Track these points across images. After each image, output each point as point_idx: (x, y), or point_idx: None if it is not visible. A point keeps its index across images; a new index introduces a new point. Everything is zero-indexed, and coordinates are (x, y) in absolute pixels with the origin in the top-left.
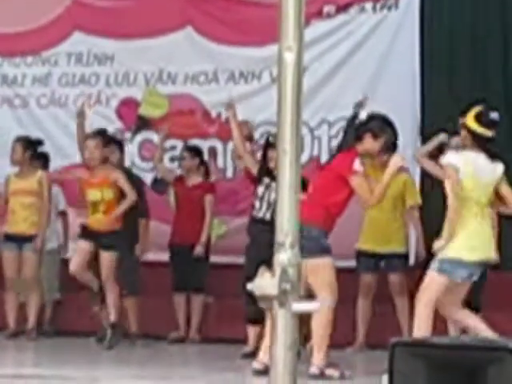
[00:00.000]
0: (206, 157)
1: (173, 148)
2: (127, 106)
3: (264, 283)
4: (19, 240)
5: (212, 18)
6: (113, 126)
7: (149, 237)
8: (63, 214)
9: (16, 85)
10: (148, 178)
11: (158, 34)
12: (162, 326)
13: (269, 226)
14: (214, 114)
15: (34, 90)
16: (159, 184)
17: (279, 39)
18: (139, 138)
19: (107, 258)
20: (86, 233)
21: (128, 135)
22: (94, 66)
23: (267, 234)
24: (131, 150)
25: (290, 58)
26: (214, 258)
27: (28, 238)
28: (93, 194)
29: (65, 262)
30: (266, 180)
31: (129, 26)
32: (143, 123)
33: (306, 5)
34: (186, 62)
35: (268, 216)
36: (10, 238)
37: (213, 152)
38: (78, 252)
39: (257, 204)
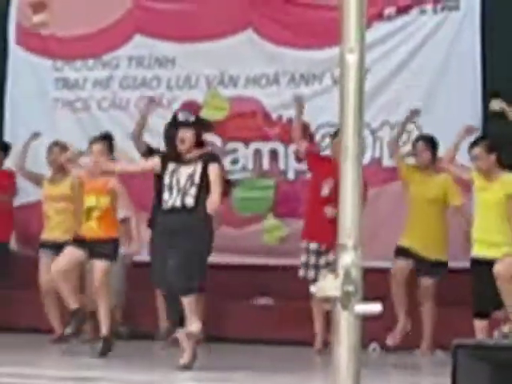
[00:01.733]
0: (267, 160)
1: (234, 151)
2: (189, 109)
3: (327, 285)
4: (54, 247)
5: (273, 21)
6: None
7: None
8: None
9: (77, 88)
10: None
11: (220, 36)
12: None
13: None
14: (275, 116)
15: (95, 94)
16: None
17: (341, 41)
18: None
19: (101, 267)
20: (78, 241)
21: None
22: (155, 69)
23: None
24: None
25: (352, 59)
26: (275, 261)
27: (63, 245)
28: (89, 200)
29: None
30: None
31: (190, 28)
32: (205, 126)
33: (367, 7)
34: (247, 65)
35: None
36: (46, 244)
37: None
38: (66, 256)
39: None
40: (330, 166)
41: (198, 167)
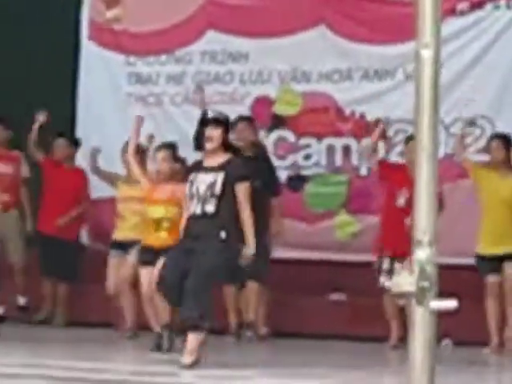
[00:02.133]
0: (340, 155)
1: (307, 146)
2: (261, 104)
3: (402, 281)
4: (125, 246)
5: (345, 16)
6: None
7: None
8: None
9: (150, 83)
10: (283, 176)
11: (292, 32)
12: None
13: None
14: (347, 112)
15: (168, 89)
16: (295, 181)
17: (416, 36)
18: (274, 136)
19: None
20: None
21: (263, 133)
22: (228, 65)
23: None
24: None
25: (427, 54)
26: (347, 256)
27: (133, 243)
28: (157, 211)
29: None
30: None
31: (263, 24)
32: (278, 121)
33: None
34: (319, 60)
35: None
36: (118, 245)
37: None
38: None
39: None
40: (405, 174)
41: (220, 178)
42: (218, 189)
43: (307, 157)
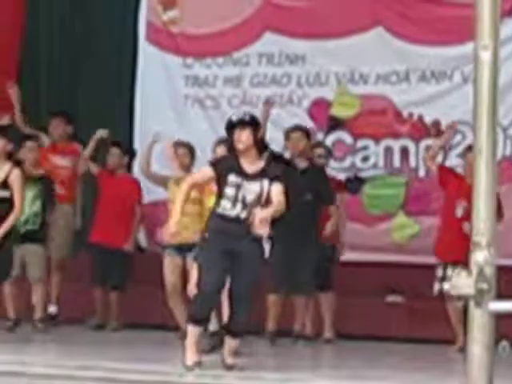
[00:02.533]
0: (397, 157)
1: (365, 148)
2: (319, 106)
3: (460, 283)
4: (180, 248)
5: (403, 18)
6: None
7: None
8: None
9: (207, 86)
10: (341, 178)
11: (349, 33)
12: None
13: None
14: (405, 113)
15: (226, 91)
16: (353, 184)
17: (475, 38)
18: (331, 138)
19: None
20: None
21: (320, 135)
22: (285, 67)
23: None
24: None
25: (485, 56)
26: (405, 258)
27: (190, 247)
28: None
29: None
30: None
31: (320, 25)
32: (335, 123)
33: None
34: (377, 62)
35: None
36: (172, 245)
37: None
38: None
39: None
40: (463, 184)
41: (265, 185)
42: (264, 198)
43: (365, 159)
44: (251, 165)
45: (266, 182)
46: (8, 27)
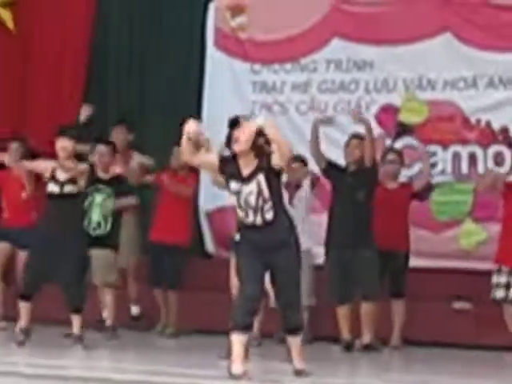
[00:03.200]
0: (465, 163)
1: (433, 154)
2: (387, 113)
3: None
4: None
5: (471, 24)
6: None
7: None
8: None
9: (275, 91)
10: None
11: (417, 39)
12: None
13: None
14: (473, 120)
15: (294, 97)
16: (421, 190)
17: None
18: (400, 144)
19: None
20: None
21: (388, 141)
22: (353, 73)
23: None
24: None
25: None
26: (472, 265)
27: None
28: None
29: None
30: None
31: (388, 32)
32: (403, 129)
33: None
34: (445, 68)
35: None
36: None
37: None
38: None
39: None
40: None
41: (262, 181)
42: (266, 194)
43: (433, 165)
44: (246, 167)
45: (261, 176)
46: (78, 34)
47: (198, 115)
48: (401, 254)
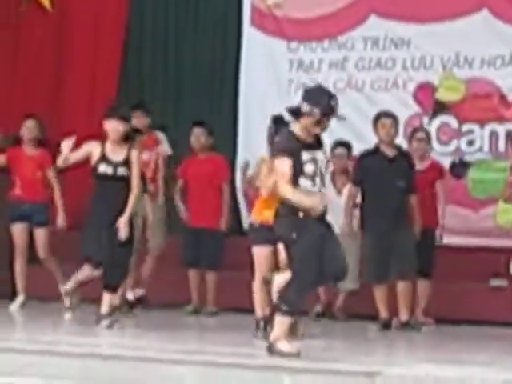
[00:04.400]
0: (503, 141)
1: (470, 132)
2: (424, 90)
3: None
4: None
5: (508, 1)
6: (410, 111)
7: None
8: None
9: (312, 70)
10: (446, 162)
11: (454, 17)
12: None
13: None
14: (510, 98)
15: (331, 75)
16: (458, 168)
17: None
18: (437, 122)
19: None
20: None
21: (426, 119)
22: (390, 51)
23: None
24: None
25: None
26: (510, 242)
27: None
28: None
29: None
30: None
31: (425, 9)
32: (440, 107)
33: None
34: (482, 46)
35: None
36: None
37: None
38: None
39: None
40: None
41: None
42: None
43: (470, 143)
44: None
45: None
46: (114, 12)
47: (234, 94)
48: (428, 232)
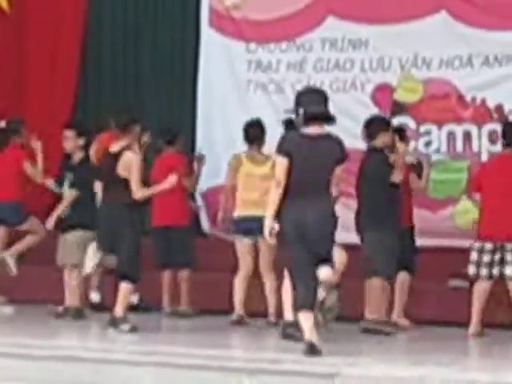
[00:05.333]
0: (460, 141)
1: (428, 133)
2: (382, 91)
3: None
4: (248, 222)
5: (466, 2)
6: (368, 112)
7: None
8: None
9: (271, 70)
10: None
11: (413, 18)
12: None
13: None
14: (468, 98)
15: (289, 76)
16: (416, 168)
17: None
18: (395, 122)
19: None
20: None
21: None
22: (348, 52)
23: None
24: None
25: None
26: (468, 243)
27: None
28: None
29: None
30: None
31: (383, 11)
32: (398, 108)
33: None
34: (440, 47)
35: None
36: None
37: None
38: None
39: None
40: None
41: None
42: None
43: (428, 144)
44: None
45: None
46: (72, 11)
47: (193, 94)
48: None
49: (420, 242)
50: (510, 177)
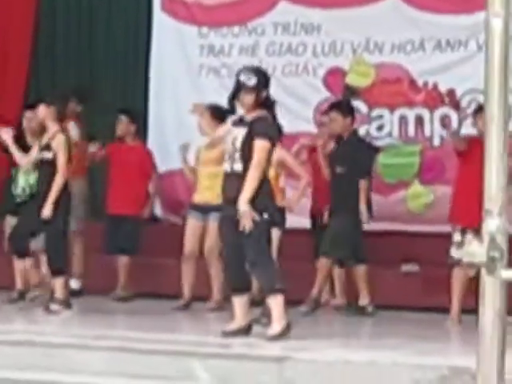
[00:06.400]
0: (412, 126)
1: (380, 117)
2: (334, 76)
3: (472, 250)
4: (204, 209)
5: None
6: (320, 96)
7: None
8: None
9: (223, 55)
10: None
11: (365, 3)
12: None
13: None
14: (420, 82)
15: (241, 60)
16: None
17: (486, 5)
18: None
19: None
20: None
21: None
22: (300, 36)
23: None
24: None
25: (497, 24)
26: (420, 227)
27: (213, 208)
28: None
29: None
30: None
31: None
32: (350, 92)
33: None
34: (392, 31)
35: None
36: (195, 206)
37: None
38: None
39: None
40: (479, 149)
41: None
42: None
43: (380, 128)
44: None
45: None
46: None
47: (145, 79)
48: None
49: (372, 226)
50: None
